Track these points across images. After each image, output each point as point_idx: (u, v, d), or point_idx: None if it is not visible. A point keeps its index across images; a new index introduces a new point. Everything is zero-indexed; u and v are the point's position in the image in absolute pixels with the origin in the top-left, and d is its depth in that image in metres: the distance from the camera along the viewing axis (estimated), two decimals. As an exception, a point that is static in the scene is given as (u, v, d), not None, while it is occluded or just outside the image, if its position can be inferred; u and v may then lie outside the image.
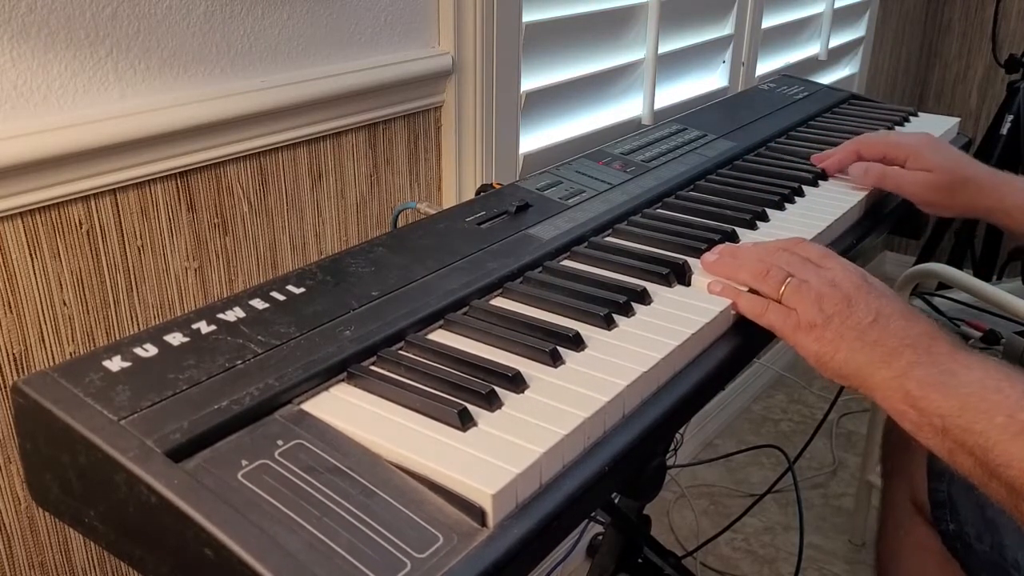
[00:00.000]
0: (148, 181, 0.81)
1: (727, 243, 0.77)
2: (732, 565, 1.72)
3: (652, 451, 0.66)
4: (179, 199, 0.84)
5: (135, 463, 0.45)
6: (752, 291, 0.69)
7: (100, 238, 0.79)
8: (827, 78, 2.07)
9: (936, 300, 1.72)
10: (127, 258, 0.81)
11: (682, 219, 0.83)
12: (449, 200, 1.12)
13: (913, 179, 0.91)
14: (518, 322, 0.62)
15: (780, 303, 0.67)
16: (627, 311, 0.65)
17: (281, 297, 0.61)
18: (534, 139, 1.23)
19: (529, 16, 1.15)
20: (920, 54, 2.75)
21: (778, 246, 0.72)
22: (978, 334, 1.57)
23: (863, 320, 0.63)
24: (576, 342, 0.60)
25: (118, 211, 0.79)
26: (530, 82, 1.18)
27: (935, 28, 2.77)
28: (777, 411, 2.24)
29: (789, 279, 0.67)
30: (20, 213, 0.73)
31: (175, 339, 0.55)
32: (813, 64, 1.98)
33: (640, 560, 1.08)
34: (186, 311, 0.61)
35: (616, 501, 1.04)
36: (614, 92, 1.35)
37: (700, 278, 0.71)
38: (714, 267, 0.71)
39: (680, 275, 0.71)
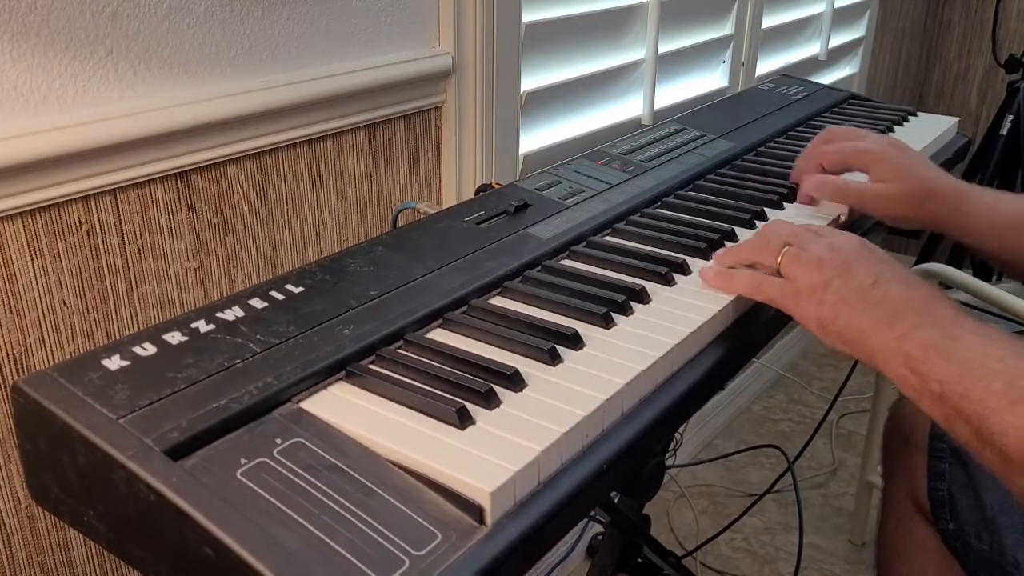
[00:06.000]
0: (148, 181, 0.81)
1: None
2: (732, 565, 1.72)
3: (651, 450, 0.66)
4: (179, 199, 0.84)
5: (134, 462, 0.45)
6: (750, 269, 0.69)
7: (100, 238, 0.79)
8: (827, 78, 2.07)
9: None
10: (127, 258, 0.81)
11: (681, 219, 0.83)
12: (449, 200, 1.12)
13: (876, 194, 0.84)
14: (517, 321, 0.62)
15: (779, 273, 0.67)
16: (626, 310, 0.65)
17: (280, 296, 0.61)
18: (534, 139, 1.23)
19: (529, 16, 1.15)
20: (920, 54, 2.75)
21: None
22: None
23: (864, 282, 0.62)
24: (575, 341, 0.60)
25: (118, 211, 0.79)
26: (530, 82, 1.19)
27: (935, 28, 2.77)
28: (777, 411, 2.24)
29: (787, 247, 0.67)
30: (20, 213, 0.73)
31: (174, 338, 0.55)
32: (813, 64, 1.98)
33: (640, 560, 1.08)
34: (186, 311, 0.61)
35: (616, 500, 1.05)
36: (614, 92, 1.36)
37: (697, 275, 0.71)
38: (721, 256, 0.72)
39: (679, 274, 0.71)
